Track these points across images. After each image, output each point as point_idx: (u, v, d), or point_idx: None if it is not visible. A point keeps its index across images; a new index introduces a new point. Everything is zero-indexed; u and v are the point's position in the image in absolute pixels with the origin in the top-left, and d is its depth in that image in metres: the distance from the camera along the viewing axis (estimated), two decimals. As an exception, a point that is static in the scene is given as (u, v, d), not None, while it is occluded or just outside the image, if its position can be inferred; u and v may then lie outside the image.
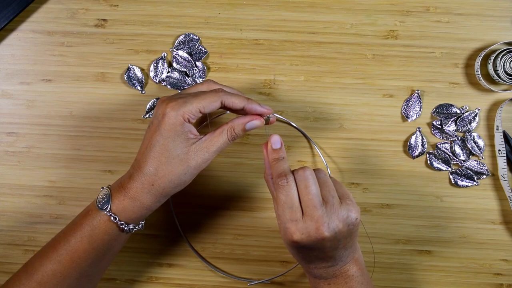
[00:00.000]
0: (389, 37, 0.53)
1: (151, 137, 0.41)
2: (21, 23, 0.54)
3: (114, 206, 0.41)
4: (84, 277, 0.43)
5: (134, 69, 0.53)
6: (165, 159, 0.41)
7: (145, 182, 0.41)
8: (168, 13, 0.54)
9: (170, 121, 0.40)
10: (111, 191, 0.42)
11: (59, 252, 0.42)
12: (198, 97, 0.41)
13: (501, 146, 0.52)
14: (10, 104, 0.54)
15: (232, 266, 0.54)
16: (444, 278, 0.54)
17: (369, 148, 0.53)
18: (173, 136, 0.40)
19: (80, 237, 0.42)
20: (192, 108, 0.40)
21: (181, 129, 0.41)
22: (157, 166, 0.41)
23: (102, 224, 0.42)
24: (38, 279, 0.41)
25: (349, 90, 0.53)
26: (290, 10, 0.53)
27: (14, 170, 0.54)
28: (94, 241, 0.42)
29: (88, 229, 0.42)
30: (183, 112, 0.40)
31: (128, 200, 0.41)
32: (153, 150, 0.41)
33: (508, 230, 0.53)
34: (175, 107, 0.40)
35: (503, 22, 0.53)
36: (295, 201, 0.40)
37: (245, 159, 0.54)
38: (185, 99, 0.41)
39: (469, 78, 0.53)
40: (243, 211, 0.54)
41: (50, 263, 0.41)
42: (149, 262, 0.54)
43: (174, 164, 0.41)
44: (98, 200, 0.42)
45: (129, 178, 0.42)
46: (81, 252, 0.42)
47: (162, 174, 0.41)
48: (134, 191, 0.41)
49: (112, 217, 0.41)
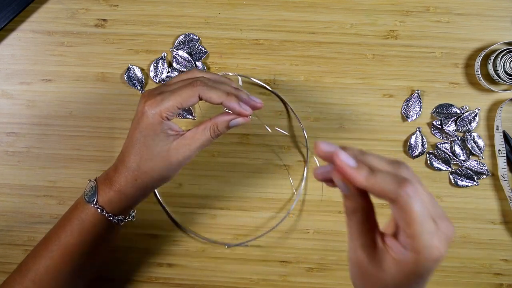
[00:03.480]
0: (389, 37, 0.53)
1: (132, 133, 0.41)
2: (21, 23, 0.54)
3: (100, 199, 0.41)
4: (77, 272, 0.43)
5: (134, 69, 0.53)
6: (147, 156, 0.40)
7: (129, 177, 0.41)
8: (168, 13, 0.54)
9: (148, 120, 0.39)
10: (97, 184, 0.42)
11: (51, 249, 0.42)
12: (175, 93, 0.39)
13: (501, 146, 0.52)
14: (10, 104, 0.54)
15: (232, 266, 0.54)
16: (444, 278, 0.54)
17: (369, 148, 0.53)
18: (152, 135, 0.40)
19: (70, 231, 0.42)
20: (169, 106, 0.39)
21: (159, 128, 0.40)
22: (139, 162, 0.40)
23: (90, 217, 0.41)
24: (32, 278, 0.41)
25: (349, 90, 0.53)
26: (290, 10, 0.53)
27: (14, 170, 0.54)
28: (84, 235, 0.42)
29: (77, 223, 0.42)
30: (160, 111, 0.39)
31: (113, 193, 0.41)
32: (135, 147, 0.40)
33: (508, 230, 0.53)
34: (152, 105, 0.39)
35: (503, 22, 0.53)
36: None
37: (245, 159, 0.54)
38: (162, 96, 0.39)
39: (469, 78, 0.53)
40: (243, 211, 0.54)
41: (43, 260, 0.41)
42: (149, 262, 0.54)
43: (155, 161, 0.40)
44: (85, 193, 0.42)
45: (114, 171, 0.42)
46: (72, 246, 0.41)
47: (144, 170, 0.41)
48: (118, 184, 0.41)
49: (99, 209, 0.41)
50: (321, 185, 0.53)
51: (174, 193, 0.54)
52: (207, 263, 0.54)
